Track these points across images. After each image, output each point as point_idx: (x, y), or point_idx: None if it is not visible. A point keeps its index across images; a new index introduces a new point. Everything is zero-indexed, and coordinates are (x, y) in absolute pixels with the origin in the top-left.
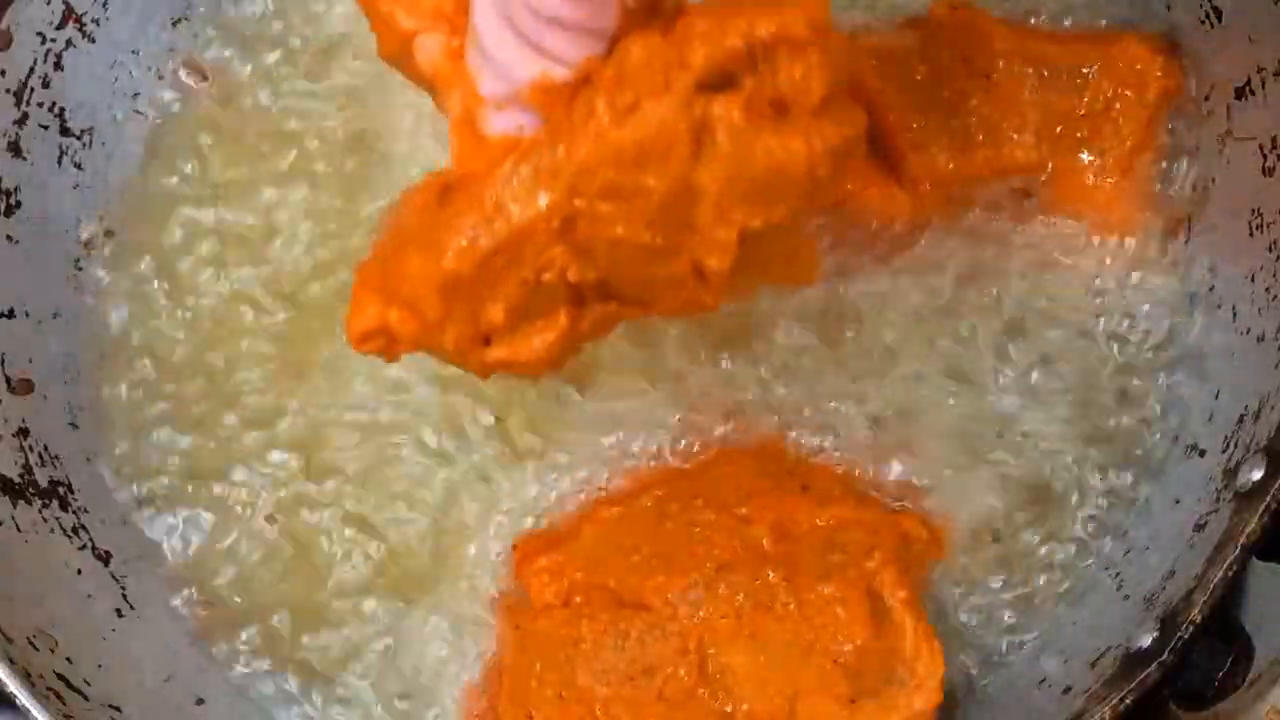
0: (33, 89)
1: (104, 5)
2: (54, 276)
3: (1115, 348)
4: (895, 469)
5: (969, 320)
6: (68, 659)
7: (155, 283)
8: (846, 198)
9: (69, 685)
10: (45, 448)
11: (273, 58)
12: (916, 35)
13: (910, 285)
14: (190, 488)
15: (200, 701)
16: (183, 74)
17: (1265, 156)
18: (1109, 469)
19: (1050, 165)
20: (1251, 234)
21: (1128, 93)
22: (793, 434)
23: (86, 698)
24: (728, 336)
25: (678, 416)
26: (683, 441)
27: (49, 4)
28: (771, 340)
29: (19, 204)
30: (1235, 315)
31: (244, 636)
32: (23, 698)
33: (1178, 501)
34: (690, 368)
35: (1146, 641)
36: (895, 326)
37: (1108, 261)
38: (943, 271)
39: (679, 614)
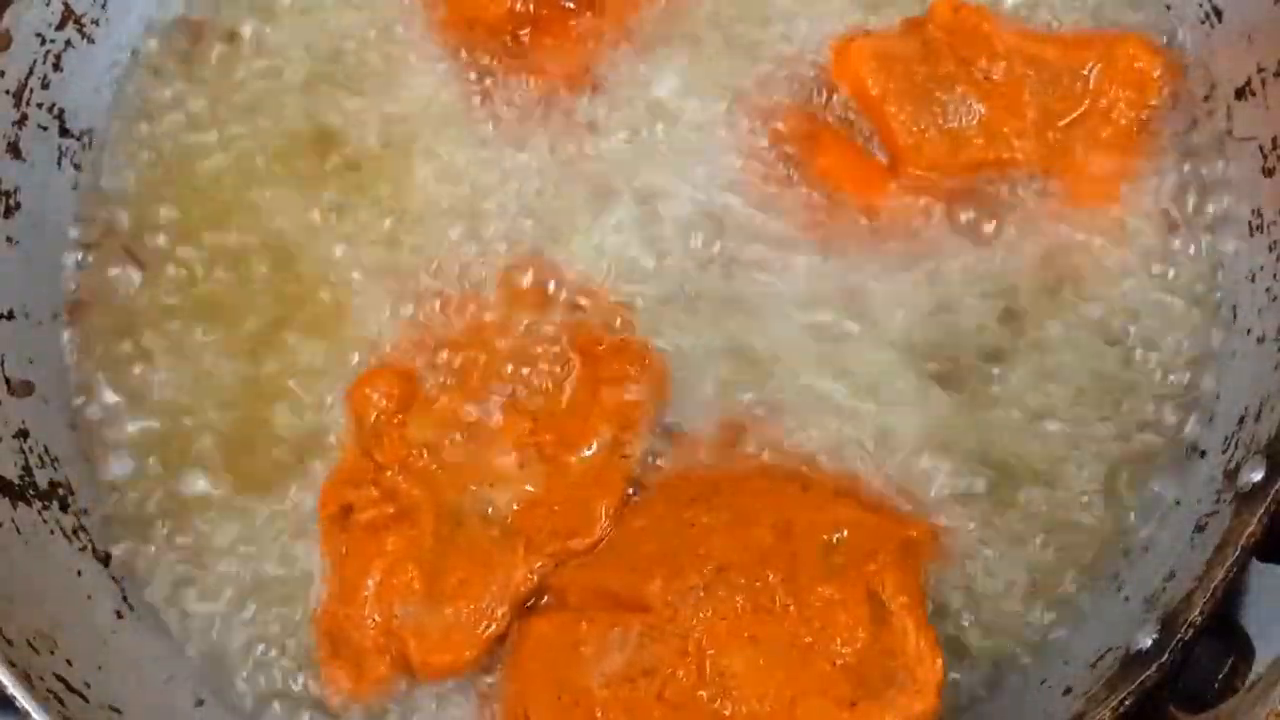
0: (32, 90)
1: (103, 6)
2: (54, 277)
3: (1114, 348)
4: (897, 471)
5: (969, 319)
6: (68, 661)
7: (153, 284)
8: (850, 199)
9: (69, 687)
10: (45, 449)
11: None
12: (917, 36)
13: (910, 284)
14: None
15: (200, 703)
16: (180, 73)
17: (1265, 157)
18: (1109, 470)
19: (1050, 166)
20: (1251, 234)
21: (1128, 93)
22: (794, 435)
23: (86, 699)
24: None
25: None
26: (683, 441)
27: (49, 5)
28: (772, 340)
29: (19, 205)
30: (1235, 316)
31: None
32: (23, 700)
33: (1178, 502)
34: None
35: (1147, 643)
36: (897, 326)
37: (1106, 261)
38: (942, 270)
39: (679, 615)
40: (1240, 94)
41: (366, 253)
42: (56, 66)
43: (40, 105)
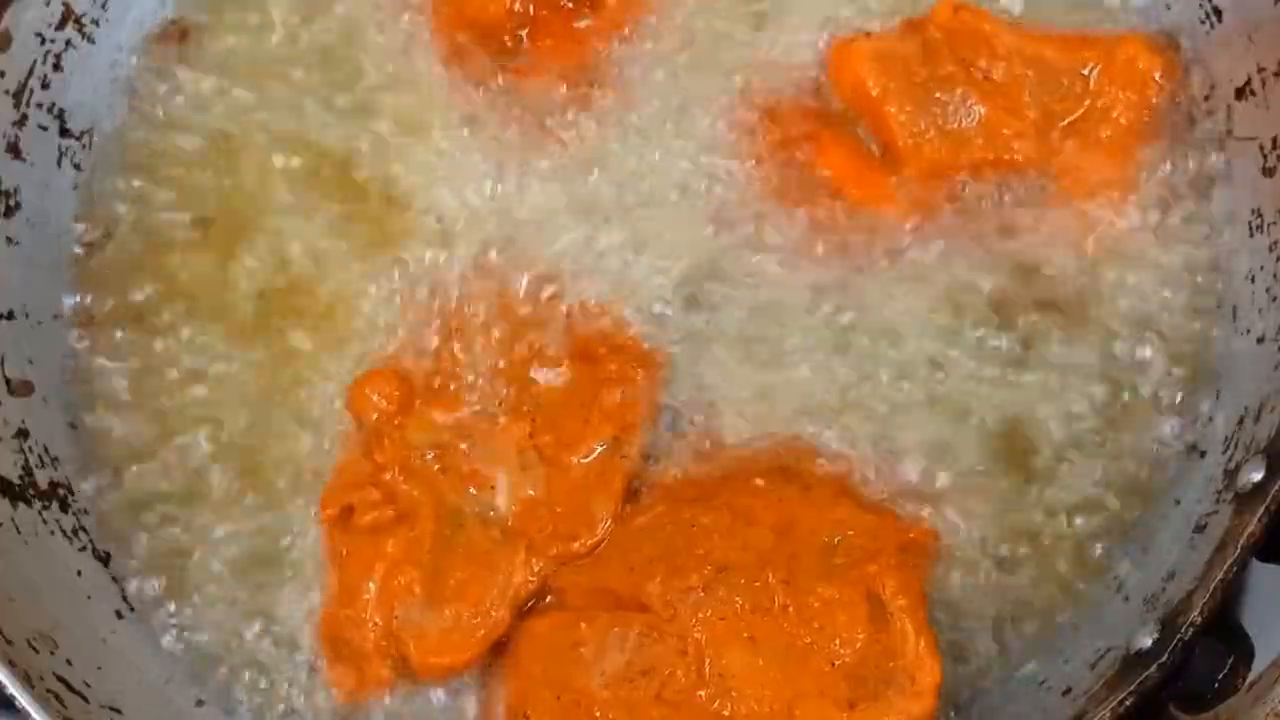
0: (32, 90)
1: (103, 6)
2: (54, 277)
3: (1114, 349)
4: (898, 472)
5: (967, 320)
6: (68, 660)
7: (153, 284)
8: (849, 199)
9: (69, 687)
10: (45, 449)
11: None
12: (918, 37)
13: (911, 285)
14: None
15: (200, 703)
16: (180, 74)
17: (1265, 157)
18: (1109, 470)
19: (1050, 166)
20: (1251, 234)
21: (1127, 93)
22: (795, 436)
23: (86, 699)
24: None
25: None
26: (683, 442)
27: (48, 5)
28: (773, 340)
29: (19, 205)
30: (1235, 316)
31: None
32: (23, 700)
33: (1178, 503)
34: None
35: (1147, 643)
36: (895, 326)
37: (1106, 261)
38: (942, 270)
39: (679, 615)
40: (1240, 94)
41: (365, 253)
42: (56, 66)
43: (40, 105)
